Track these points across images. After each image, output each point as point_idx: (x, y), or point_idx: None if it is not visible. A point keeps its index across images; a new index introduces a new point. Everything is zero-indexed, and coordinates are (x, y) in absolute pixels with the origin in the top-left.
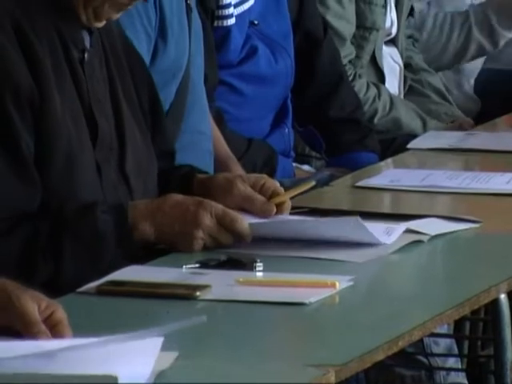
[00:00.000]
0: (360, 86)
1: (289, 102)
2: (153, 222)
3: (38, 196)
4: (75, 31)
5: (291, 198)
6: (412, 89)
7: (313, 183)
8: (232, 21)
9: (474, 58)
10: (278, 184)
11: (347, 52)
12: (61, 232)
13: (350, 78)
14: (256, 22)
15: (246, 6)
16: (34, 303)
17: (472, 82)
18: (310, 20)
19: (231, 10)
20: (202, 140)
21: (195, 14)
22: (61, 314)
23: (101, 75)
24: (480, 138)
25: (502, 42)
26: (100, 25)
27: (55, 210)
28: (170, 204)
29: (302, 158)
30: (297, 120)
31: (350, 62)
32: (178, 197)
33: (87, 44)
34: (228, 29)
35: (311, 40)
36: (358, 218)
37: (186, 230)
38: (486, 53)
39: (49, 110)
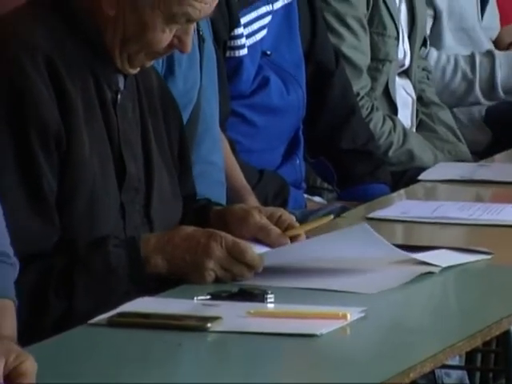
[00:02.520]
0: (377, 119)
1: (300, 133)
2: (165, 255)
3: (55, 235)
4: (110, 73)
5: (307, 232)
6: (422, 123)
7: (331, 217)
8: (244, 51)
9: (465, 106)
10: (294, 218)
11: (363, 84)
12: (73, 266)
13: (368, 111)
14: (268, 53)
15: (258, 36)
16: (1, 357)
17: (483, 112)
18: (321, 51)
19: (243, 40)
20: (212, 170)
21: (208, 45)
22: (28, 365)
23: (133, 117)
24: (491, 170)
25: (496, 101)
26: (134, 71)
27: (68, 244)
28: (181, 236)
29: (313, 190)
30: (308, 151)
31: (366, 94)
32: (188, 229)
33: (121, 86)
34: (240, 59)
35: (323, 71)
36: (365, 224)
37: (197, 262)
38: (480, 104)
39: (76, 151)
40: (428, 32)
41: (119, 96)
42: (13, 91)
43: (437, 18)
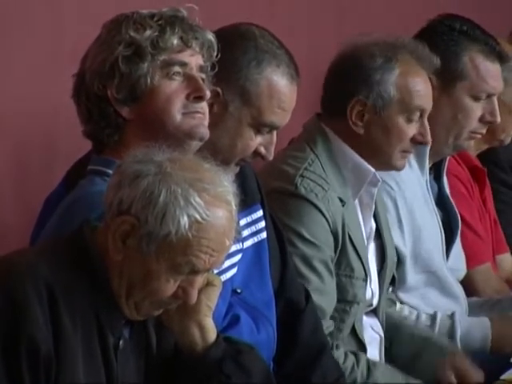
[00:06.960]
0: (337, 356)
1: (271, 370)
2: None
3: None
4: (114, 319)
5: None
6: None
7: None
8: None
9: None
10: None
11: (326, 325)
12: None
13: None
14: (239, 291)
15: (228, 274)
16: None
17: None
18: (291, 288)
19: None
20: None
21: None
22: None
23: (134, 362)
24: None
25: None
26: (140, 318)
27: None
28: None
29: None
30: None
31: (329, 334)
32: None
33: (126, 334)
34: None
35: (293, 308)
36: None
37: None
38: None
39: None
40: None
41: (121, 342)
42: (7, 301)
43: (400, 261)
